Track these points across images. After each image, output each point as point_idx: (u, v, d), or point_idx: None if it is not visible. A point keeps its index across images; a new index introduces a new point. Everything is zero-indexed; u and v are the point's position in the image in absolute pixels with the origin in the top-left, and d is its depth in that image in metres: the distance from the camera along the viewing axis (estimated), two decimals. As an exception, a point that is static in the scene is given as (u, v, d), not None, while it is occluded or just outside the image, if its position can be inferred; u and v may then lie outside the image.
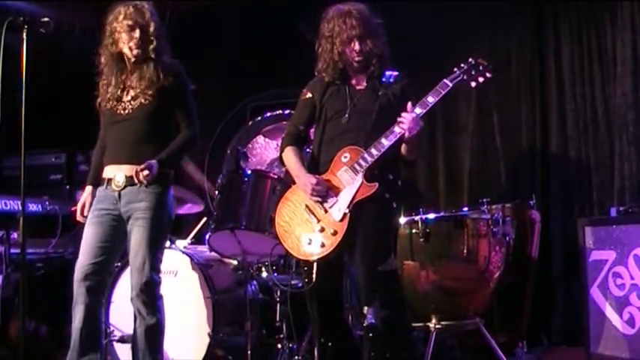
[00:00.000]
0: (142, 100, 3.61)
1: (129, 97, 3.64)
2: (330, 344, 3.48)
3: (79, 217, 3.73)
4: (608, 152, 5.26)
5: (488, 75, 3.37)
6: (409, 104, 3.35)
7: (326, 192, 3.40)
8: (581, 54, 5.42)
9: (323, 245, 3.37)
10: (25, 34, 3.38)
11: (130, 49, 3.64)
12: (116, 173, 3.59)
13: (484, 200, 4.79)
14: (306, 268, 3.53)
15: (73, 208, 3.77)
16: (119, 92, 3.66)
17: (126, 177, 3.56)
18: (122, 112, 3.64)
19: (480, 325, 4.48)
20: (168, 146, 3.62)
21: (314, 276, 3.47)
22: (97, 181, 3.72)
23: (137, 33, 3.62)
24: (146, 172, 3.46)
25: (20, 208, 4.83)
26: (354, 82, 3.59)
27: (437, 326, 4.42)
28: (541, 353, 4.98)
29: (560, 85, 5.51)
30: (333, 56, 3.51)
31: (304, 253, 3.45)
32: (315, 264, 3.46)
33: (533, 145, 5.59)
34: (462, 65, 3.39)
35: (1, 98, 3.33)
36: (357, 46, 3.47)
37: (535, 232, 5.06)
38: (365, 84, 3.57)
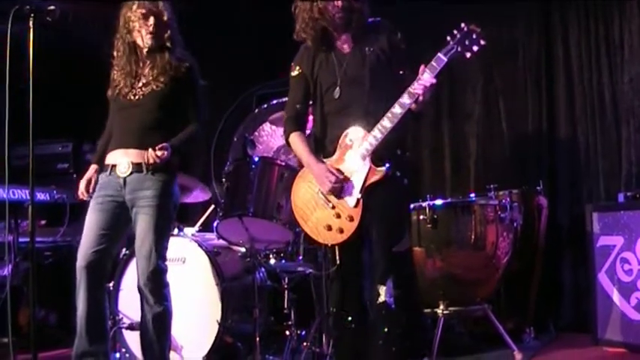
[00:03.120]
0: (154, 87, 3.62)
1: (140, 84, 3.65)
2: (349, 319, 3.48)
3: (80, 194, 3.72)
4: (616, 138, 5.24)
5: (482, 43, 3.27)
6: (421, 68, 3.29)
7: (342, 187, 3.38)
8: (588, 40, 5.40)
9: (342, 231, 3.39)
10: (31, 23, 3.36)
11: (144, 38, 3.66)
12: (122, 160, 3.58)
13: (491, 186, 4.81)
14: (327, 248, 3.58)
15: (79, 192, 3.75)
16: (132, 81, 3.67)
17: (132, 164, 3.55)
18: (132, 97, 3.64)
19: (488, 311, 4.48)
20: (175, 135, 3.61)
21: (337, 257, 3.51)
22: (102, 161, 3.70)
23: (151, 21, 3.65)
24: (161, 152, 3.47)
25: (28, 197, 4.96)
26: (340, 44, 3.51)
27: (445, 312, 4.43)
28: (548, 339, 4.98)
29: (567, 72, 5.49)
30: (312, 14, 3.43)
31: (324, 238, 3.46)
32: (337, 246, 3.49)
33: (540, 132, 5.57)
34: (455, 34, 3.26)
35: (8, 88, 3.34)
36: (339, 2, 3.40)
37: (542, 218, 5.07)
38: (351, 45, 3.49)
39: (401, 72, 3.44)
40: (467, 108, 5.83)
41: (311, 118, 3.71)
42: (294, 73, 3.59)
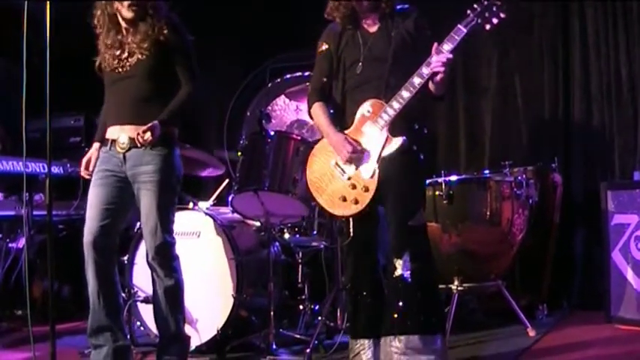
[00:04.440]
0: (139, 56, 3.52)
1: (126, 54, 3.55)
2: (364, 293, 3.49)
3: (83, 173, 3.69)
4: (632, 115, 5.22)
5: (502, 15, 3.27)
6: (435, 46, 3.29)
7: (359, 156, 3.39)
8: (605, 15, 5.35)
9: (357, 202, 3.38)
10: (49, -1, 3.32)
11: (122, 10, 3.54)
12: (119, 134, 3.53)
13: (506, 163, 4.79)
14: (342, 221, 3.56)
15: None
16: (117, 52, 3.57)
17: (129, 138, 3.50)
18: (120, 70, 3.56)
19: (502, 287, 4.49)
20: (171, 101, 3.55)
21: (351, 229, 3.50)
22: (104, 138, 3.65)
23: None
24: (148, 134, 3.40)
25: (42, 170, 4.97)
26: (367, 24, 3.53)
27: (459, 288, 4.44)
28: (561, 316, 5.00)
29: (583, 48, 5.45)
30: None
31: (339, 209, 3.45)
32: (350, 218, 3.48)
33: (556, 108, 5.54)
34: (476, 7, 3.28)
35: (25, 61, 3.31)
36: None
37: (557, 195, 5.06)
38: (377, 25, 3.51)
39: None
40: (482, 83, 5.80)
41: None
42: (321, 49, 3.62)
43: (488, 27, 3.29)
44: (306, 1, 5.59)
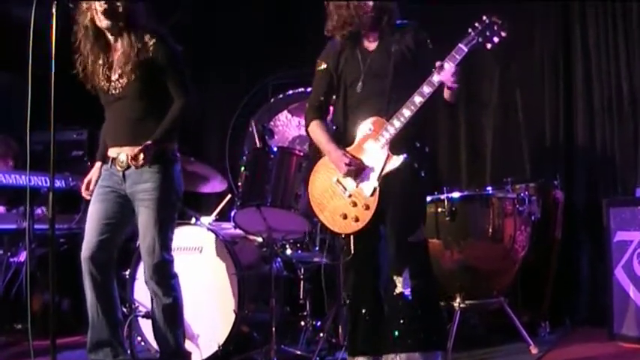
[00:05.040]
0: (128, 78, 3.49)
1: (116, 76, 3.52)
2: (364, 311, 3.48)
3: (84, 193, 3.69)
4: (633, 131, 5.22)
5: (503, 34, 3.29)
6: (437, 64, 3.29)
7: (359, 171, 3.39)
8: (605, 29, 5.35)
9: (357, 220, 3.40)
10: (54, 10, 3.33)
11: (97, 18, 3.50)
12: (119, 153, 3.54)
13: (508, 179, 4.78)
14: (343, 238, 3.58)
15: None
16: (107, 71, 3.55)
17: (128, 157, 3.49)
18: (113, 91, 3.54)
19: (504, 304, 4.47)
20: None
21: (352, 247, 3.50)
22: (106, 157, 3.66)
23: (104, 6, 3.47)
24: (141, 156, 3.38)
25: (44, 184, 4.97)
26: (367, 42, 3.55)
27: (461, 305, 4.42)
28: (564, 333, 4.97)
29: (584, 63, 5.45)
30: (349, 11, 3.46)
31: (340, 227, 3.47)
32: (351, 235, 3.49)
33: (557, 123, 5.54)
34: (477, 25, 3.30)
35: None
36: (371, 2, 3.43)
37: (559, 212, 5.05)
38: (377, 42, 3.53)
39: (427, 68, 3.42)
40: (483, 98, 5.80)
41: (332, 108, 3.72)
42: (320, 67, 3.64)
43: (489, 46, 3.31)
44: (308, 17, 5.64)
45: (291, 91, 5.95)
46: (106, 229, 3.54)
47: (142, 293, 4.27)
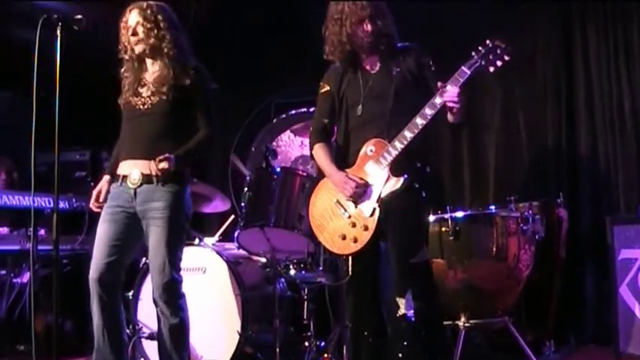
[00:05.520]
0: (160, 97, 3.56)
1: (148, 93, 3.59)
2: (366, 334, 3.47)
3: (92, 205, 3.68)
4: (635, 150, 5.23)
5: (506, 58, 3.29)
6: (439, 84, 3.29)
7: (362, 193, 3.39)
8: (607, 51, 5.39)
9: (356, 240, 3.39)
10: (59, 32, 3.36)
11: (134, 44, 3.59)
12: (132, 170, 3.53)
13: (511, 198, 4.78)
14: (343, 259, 3.55)
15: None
16: (138, 88, 3.62)
17: (142, 174, 3.50)
18: (141, 107, 3.59)
19: (509, 323, 4.45)
20: (186, 143, 3.56)
21: (350, 268, 3.51)
22: (115, 172, 3.66)
23: (132, 23, 3.58)
24: (164, 163, 3.40)
25: (47, 204, 4.98)
26: (367, 66, 3.55)
27: (466, 324, 4.41)
28: (569, 352, 4.95)
29: (586, 83, 5.47)
30: (341, 38, 3.47)
31: (338, 247, 3.46)
32: (350, 256, 3.49)
33: (559, 143, 5.55)
34: (480, 49, 3.29)
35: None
36: (368, 27, 3.44)
37: (563, 230, 5.04)
38: (379, 65, 3.54)
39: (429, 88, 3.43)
40: (486, 118, 5.81)
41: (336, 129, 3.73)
42: (323, 90, 3.65)
43: (492, 69, 3.30)
44: (310, 37, 5.67)
45: (293, 111, 5.97)
46: (114, 250, 3.53)
47: (146, 314, 4.27)
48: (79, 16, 3.41)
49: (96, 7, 5.65)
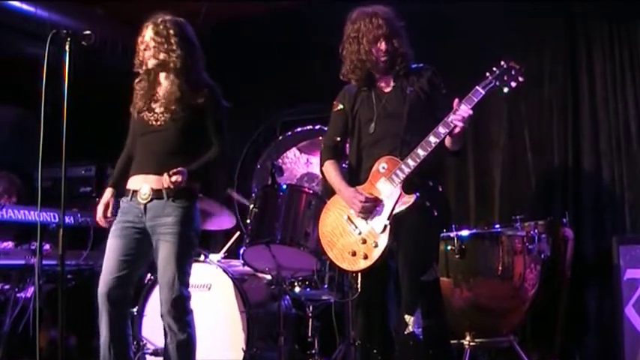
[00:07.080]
0: (173, 114, 3.58)
1: (161, 109, 3.61)
2: (375, 351, 3.46)
3: (99, 220, 3.69)
4: (641, 168, 5.24)
5: (520, 79, 3.32)
6: (455, 102, 3.31)
7: (372, 209, 3.39)
8: (613, 70, 5.40)
9: (366, 257, 3.39)
10: (67, 47, 3.37)
11: (148, 59, 3.62)
12: (142, 185, 3.55)
13: (517, 217, 4.77)
14: (353, 275, 3.58)
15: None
16: (151, 103, 3.64)
17: (152, 190, 3.52)
18: (154, 122, 3.61)
19: (514, 342, 4.45)
20: (196, 160, 3.58)
21: (359, 285, 3.51)
22: (118, 184, 3.68)
23: (152, 43, 3.61)
24: (177, 176, 3.40)
25: (53, 219, 4.97)
26: (382, 84, 3.58)
27: (471, 343, 4.40)
28: (574, 372, 4.94)
29: (592, 102, 5.48)
30: (360, 56, 3.50)
31: (348, 264, 3.46)
32: (359, 273, 3.48)
33: (565, 162, 5.54)
34: (494, 70, 3.33)
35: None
36: (383, 46, 3.47)
37: (568, 250, 5.02)
38: (392, 85, 3.56)
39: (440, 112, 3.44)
40: (492, 137, 5.81)
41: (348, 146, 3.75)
42: (337, 108, 3.68)
43: (506, 90, 3.32)
44: (316, 55, 5.70)
45: (299, 128, 5.97)
46: (124, 265, 3.53)
47: (151, 330, 4.26)
48: (88, 32, 3.43)
49: (103, 23, 5.70)
